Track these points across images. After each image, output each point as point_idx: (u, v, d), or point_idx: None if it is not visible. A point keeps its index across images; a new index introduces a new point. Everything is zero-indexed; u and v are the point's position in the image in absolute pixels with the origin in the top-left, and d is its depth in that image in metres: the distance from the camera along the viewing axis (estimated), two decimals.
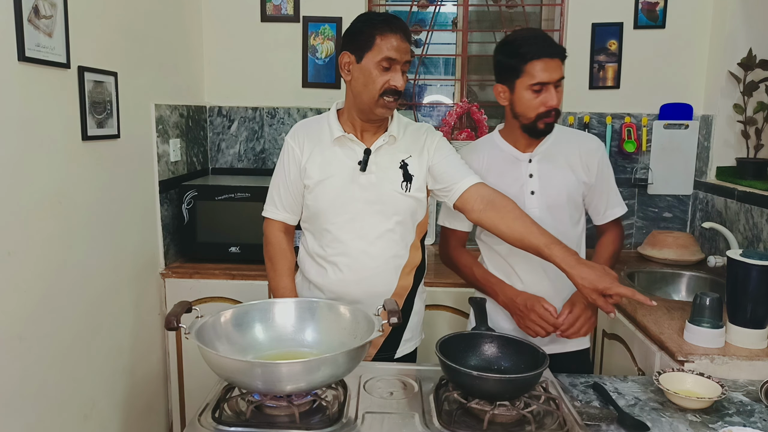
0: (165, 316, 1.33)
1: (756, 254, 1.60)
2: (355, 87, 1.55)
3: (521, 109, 1.61)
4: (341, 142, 1.60)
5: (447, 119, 2.87)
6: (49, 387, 1.68)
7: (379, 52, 1.49)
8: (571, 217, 1.70)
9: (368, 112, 1.56)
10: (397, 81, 1.51)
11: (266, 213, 1.70)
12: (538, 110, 1.58)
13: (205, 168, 2.86)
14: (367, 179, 1.58)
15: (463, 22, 2.91)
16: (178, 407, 2.47)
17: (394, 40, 1.49)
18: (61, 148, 1.72)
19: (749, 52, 2.46)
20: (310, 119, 1.71)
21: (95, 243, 1.90)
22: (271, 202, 1.69)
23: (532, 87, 1.56)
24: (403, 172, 1.60)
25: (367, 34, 1.51)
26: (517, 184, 1.67)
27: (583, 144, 1.72)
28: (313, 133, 1.64)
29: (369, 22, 1.52)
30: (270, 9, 2.79)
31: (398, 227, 1.61)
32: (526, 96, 1.58)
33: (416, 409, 1.25)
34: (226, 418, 1.18)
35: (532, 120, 1.60)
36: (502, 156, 1.71)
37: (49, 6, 1.62)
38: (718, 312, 1.62)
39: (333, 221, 1.59)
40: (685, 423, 1.28)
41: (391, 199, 1.59)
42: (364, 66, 1.52)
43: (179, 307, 1.25)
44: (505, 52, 1.61)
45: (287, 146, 1.65)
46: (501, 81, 1.64)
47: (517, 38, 1.60)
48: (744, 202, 2.34)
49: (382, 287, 1.61)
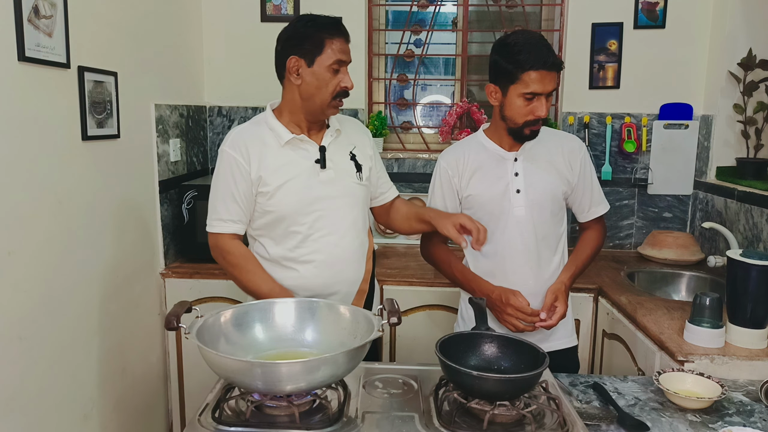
0: (165, 316, 1.33)
1: (756, 254, 1.60)
2: (306, 90, 1.56)
3: (510, 114, 1.62)
4: (292, 144, 1.59)
5: (447, 119, 2.87)
6: (49, 387, 1.68)
7: (331, 55, 1.52)
8: (554, 215, 1.73)
9: (318, 114, 1.59)
10: (347, 82, 1.56)
11: (214, 228, 1.59)
12: (526, 118, 1.60)
13: (205, 168, 2.86)
14: (327, 175, 1.61)
15: (463, 22, 2.91)
16: (178, 407, 2.47)
17: (341, 43, 1.54)
18: (61, 148, 1.72)
19: (749, 52, 2.46)
20: (244, 126, 1.63)
21: (95, 243, 1.90)
22: (218, 217, 1.59)
23: (525, 95, 1.57)
24: (354, 162, 1.67)
25: (316, 38, 1.52)
26: (502, 182, 1.70)
27: (565, 144, 1.75)
28: (255, 140, 1.58)
29: (316, 25, 1.54)
30: (270, 9, 2.79)
31: (360, 216, 1.68)
32: (517, 102, 1.59)
33: (416, 409, 1.25)
34: (226, 418, 1.18)
35: (519, 126, 1.62)
36: (488, 155, 1.73)
37: (49, 6, 1.62)
38: (718, 312, 1.62)
39: (301, 222, 1.59)
40: (685, 423, 1.28)
41: (351, 191, 1.65)
42: (316, 69, 1.53)
43: (179, 307, 1.25)
44: (504, 54, 1.60)
45: (228, 158, 1.57)
46: (494, 82, 1.64)
47: (517, 42, 1.58)
48: (744, 202, 2.34)
49: (356, 274, 1.67)
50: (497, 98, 1.65)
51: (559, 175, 1.72)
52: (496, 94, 1.65)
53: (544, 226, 1.71)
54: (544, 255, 1.73)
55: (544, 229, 1.71)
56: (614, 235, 2.84)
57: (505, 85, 1.61)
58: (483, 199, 1.72)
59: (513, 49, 1.57)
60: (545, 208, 1.71)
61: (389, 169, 2.89)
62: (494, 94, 1.65)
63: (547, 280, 1.73)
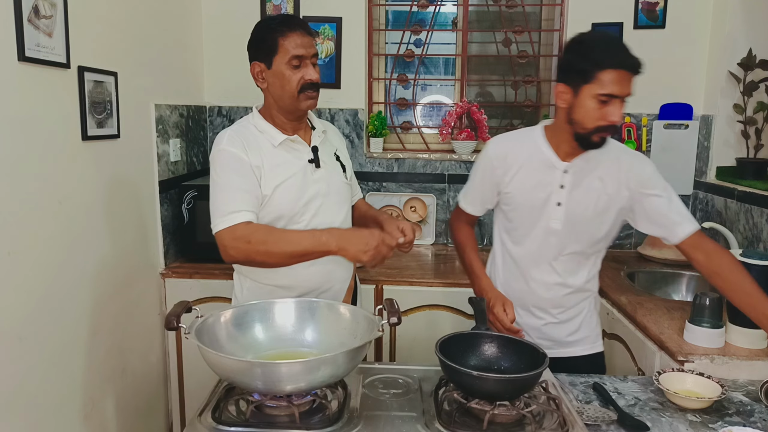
0: (165, 316, 1.33)
1: (756, 254, 1.60)
2: (274, 91, 1.58)
3: (580, 117, 1.48)
4: (285, 145, 1.60)
5: (447, 119, 2.87)
6: (49, 387, 1.68)
7: (286, 52, 1.53)
8: (591, 236, 1.63)
9: (293, 110, 1.59)
10: (311, 74, 1.55)
11: (223, 224, 1.48)
12: (598, 122, 1.46)
13: (205, 168, 2.86)
14: (320, 174, 1.62)
15: (463, 22, 2.91)
16: (178, 407, 2.47)
17: (296, 38, 1.53)
18: (61, 148, 1.72)
19: (749, 52, 2.46)
20: (235, 129, 1.59)
21: (95, 243, 1.90)
22: (226, 211, 1.48)
23: (600, 97, 1.43)
24: (339, 162, 1.71)
25: (269, 40, 1.54)
26: (546, 191, 1.60)
27: (627, 162, 1.60)
28: (250, 141, 1.56)
29: (267, 28, 1.56)
30: (270, 9, 2.79)
31: (348, 212, 1.72)
32: (590, 104, 1.45)
33: (416, 409, 1.25)
34: (226, 418, 1.18)
35: (588, 131, 1.49)
36: (540, 157, 1.61)
37: (49, 6, 1.62)
38: (718, 312, 1.62)
39: (298, 221, 1.59)
40: (685, 423, 1.28)
41: (340, 188, 1.68)
42: (276, 70, 1.55)
43: (179, 307, 1.25)
44: (579, 52, 1.47)
45: (227, 155, 1.52)
46: (565, 81, 1.50)
47: (595, 40, 1.48)
48: (744, 202, 2.34)
49: (348, 270, 1.71)
50: (566, 99, 1.50)
51: (608, 195, 1.59)
52: (565, 95, 1.50)
53: (579, 244, 1.62)
54: (570, 268, 1.65)
55: (580, 246, 1.62)
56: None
57: (577, 85, 1.46)
58: (520, 201, 1.64)
59: (590, 46, 1.46)
60: (583, 226, 1.60)
61: (389, 170, 2.90)
62: (563, 94, 1.50)
63: (572, 293, 1.66)
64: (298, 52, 1.53)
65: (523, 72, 2.96)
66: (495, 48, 2.93)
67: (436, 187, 2.88)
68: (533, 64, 2.96)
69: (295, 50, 1.53)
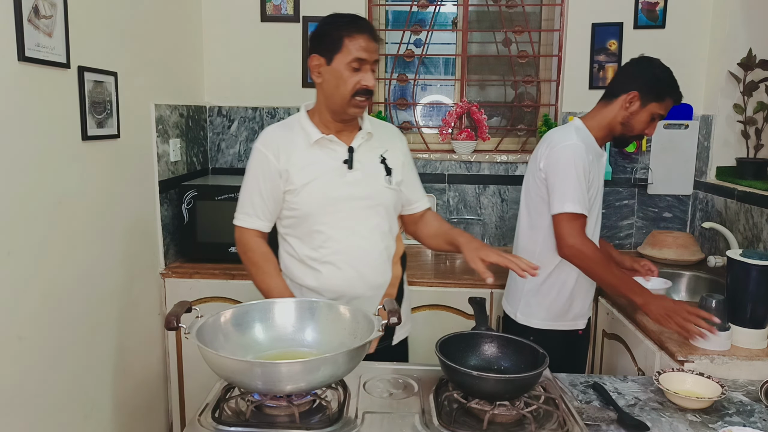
0: (165, 316, 1.33)
1: (756, 254, 1.60)
2: (327, 89, 1.57)
3: (638, 126, 1.82)
4: (321, 143, 1.60)
5: (447, 119, 2.87)
6: (49, 387, 1.68)
7: (349, 53, 1.51)
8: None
9: (341, 113, 1.58)
10: (368, 81, 1.54)
11: (240, 222, 1.64)
12: (642, 132, 1.85)
13: (205, 168, 2.86)
14: (354, 176, 1.60)
15: (463, 22, 2.91)
16: (178, 407, 2.47)
17: (362, 41, 1.52)
18: (61, 148, 1.72)
19: (749, 52, 2.46)
20: (279, 125, 1.67)
21: (95, 243, 1.90)
22: (244, 211, 1.64)
23: (658, 115, 1.83)
24: (384, 166, 1.66)
25: (335, 36, 1.52)
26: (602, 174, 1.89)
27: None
28: (286, 138, 1.62)
29: (336, 24, 1.54)
30: (270, 9, 2.79)
31: (385, 219, 1.66)
32: (645, 118, 1.81)
33: (416, 409, 1.25)
34: (226, 418, 1.18)
35: (631, 135, 1.87)
36: (595, 149, 1.86)
37: (49, 6, 1.62)
38: (724, 314, 1.59)
39: (324, 221, 1.60)
40: (685, 423, 1.28)
41: (377, 193, 1.64)
42: (335, 68, 1.53)
43: (179, 307, 1.25)
44: (661, 73, 1.80)
45: (259, 154, 1.61)
46: (641, 92, 1.80)
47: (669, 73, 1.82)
48: (744, 202, 2.34)
49: (380, 279, 1.66)
50: (633, 108, 1.81)
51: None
52: (632, 105, 1.81)
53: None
54: None
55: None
56: (614, 235, 2.84)
57: (648, 101, 1.79)
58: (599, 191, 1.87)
59: (667, 75, 1.79)
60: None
61: None
62: (631, 103, 1.81)
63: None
64: (361, 56, 1.51)
65: (523, 72, 2.96)
66: (495, 48, 2.93)
67: (436, 187, 2.88)
68: (533, 64, 2.96)
69: (359, 53, 1.51)
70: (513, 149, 2.93)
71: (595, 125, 1.86)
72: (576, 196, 1.73)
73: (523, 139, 2.95)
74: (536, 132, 2.90)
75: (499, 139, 2.95)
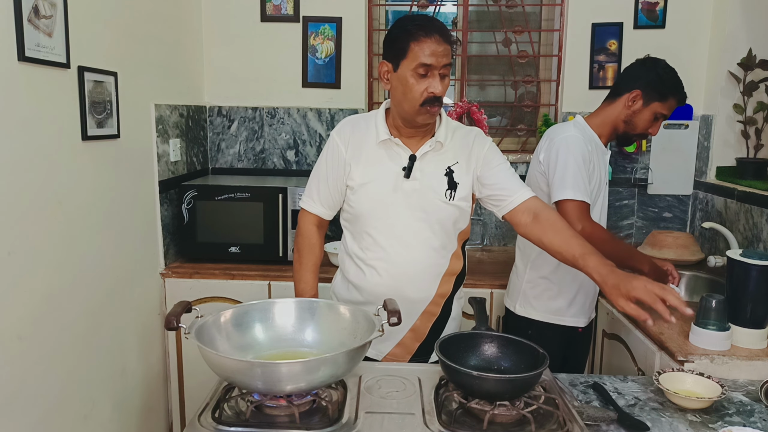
0: (165, 316, 1.33)
1: (756, 254, 1.60)
2: (395, 96, 1.52)
3: (642, 125, 1.85)
4: (387, 145, 1.56)
5: None
6: (49, 387, 1.68)
7: (414, 59, 1.44)
8: None
9: (411, 120, 1.53)
10: (435, 87, 1.45)
11: (303, 204, 1.69)
12: (645, 131, 1.88)
13: (205, 168, 2.86)
14: (411, 186, 1.54)
15: (463, 22, 2.91)
16: (178, 407, 2.47)
17: (429, 45, 1.42)
18: (61, 148, 1.72)
19: (749, 52, 2.46)
20: (359, 116, 1.65)
21: (95, 243, 1.90)
22: (309, 195, 1.67)
23: (662, 115, 1.86)
24: (448, 179, 1.56)
25: (401, 41, 1.45)
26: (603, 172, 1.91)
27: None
28: (360, 132, 1.60)
29: (403, 29, 1.47)
30: (270, 9, 2.79)
31: (439, 235, 1.58)
32: (651, 118, 1.85)
33: (416, 409, 1.24)
34: (226, 418, 1.18)
35: (635, 133, 1.90)
36: (596, 144, 1.89)
37: (49, 6, 1.62)
38: (724, 314, 1.59)
39: (374, 225, 1.57)
40: (685, 423, 1.28)
41: (433, 207, 1.56)
42: (401, 74, 1.47)
43: (179, 307, 1.25)
44: (664, 72, 1.83)
45: (332, 142, 1.62)
46: (657, 94, 1.83)
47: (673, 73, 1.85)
48: (744, 202, 2.34)
49: (421, 294, 1.60)
50: (636, 107, 1.85)
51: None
52: (635, 103, 1.85)
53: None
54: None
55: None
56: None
57: (651, 100, 1.82)
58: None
59: (671, 75, 1.82)
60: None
61: None
62: (634, 102, 1.85)
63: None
64: (428, 61, 1.43)
65: (523, 72, 2.96)
66: (495, 48, 2.93)
67: None
68: (533, 64, 2.96)
69: (425, 58, 1.42)
70: (513, 149, 2.93)
71: (598, 122, 1.91)
72: (575, 183, 1.74)
73: (523, 139, 2.95)
74: (536, 132, 2.90)
75: (499, 139, 2.95)
